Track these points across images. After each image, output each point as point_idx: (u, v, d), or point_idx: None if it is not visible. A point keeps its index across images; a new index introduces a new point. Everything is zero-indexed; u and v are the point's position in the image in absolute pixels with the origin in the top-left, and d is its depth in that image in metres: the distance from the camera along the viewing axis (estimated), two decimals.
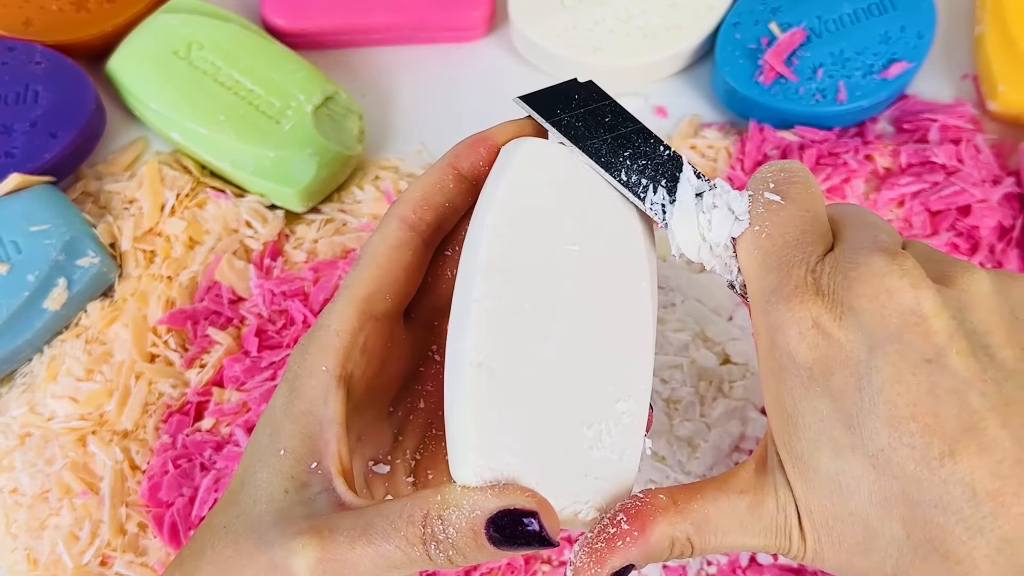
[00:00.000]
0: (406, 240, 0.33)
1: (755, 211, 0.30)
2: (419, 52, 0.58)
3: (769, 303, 0.29)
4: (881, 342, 0.27)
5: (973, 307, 0.28)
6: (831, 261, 0.28)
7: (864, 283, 0.27)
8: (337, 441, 0.31)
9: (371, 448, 0.35)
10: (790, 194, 0.30)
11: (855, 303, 0.27)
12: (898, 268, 0.27)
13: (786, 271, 0.29)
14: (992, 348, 0.27)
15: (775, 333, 0.28)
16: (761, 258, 0.29)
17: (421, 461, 0.36)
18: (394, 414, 0.36)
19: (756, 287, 0.30)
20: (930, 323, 0.27)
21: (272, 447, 0.31)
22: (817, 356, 0.27)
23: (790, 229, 0.29)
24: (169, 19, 0.54)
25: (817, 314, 0.27)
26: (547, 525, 0.28)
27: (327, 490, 0.30)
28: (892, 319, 0.27)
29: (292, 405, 0.31)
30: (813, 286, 0.28)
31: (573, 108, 0.32)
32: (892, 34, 0.52)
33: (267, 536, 0.30)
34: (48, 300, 0.48)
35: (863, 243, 0.29)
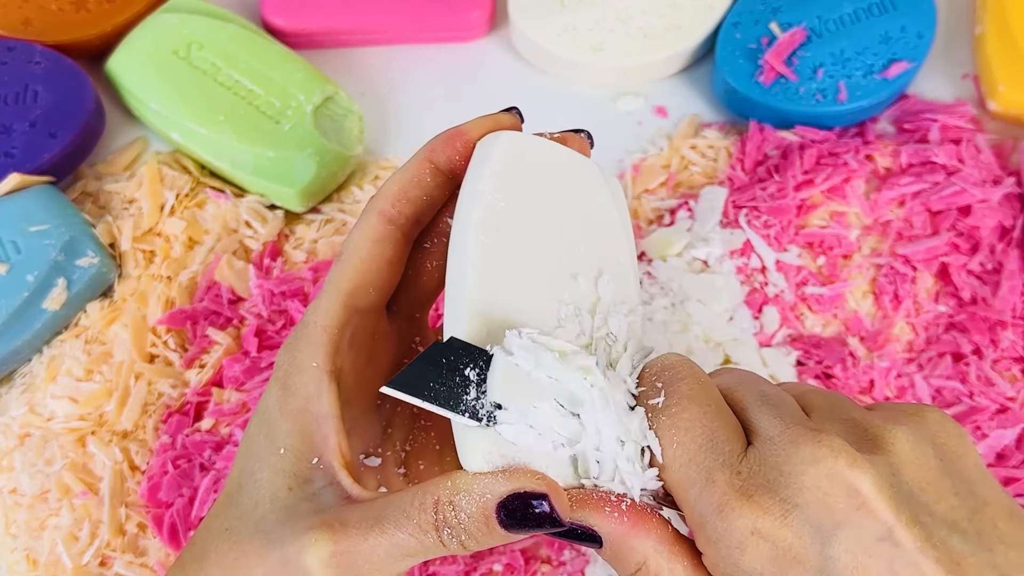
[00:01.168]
0: (386, 233, 0.33)
1: (656, 425, 0.29)
2: (419, 52, 0.58)
3: (702, 517, 0.28)
4: (831, 531, 0.26)
5: (903, 468, 0.27)
6: (755, 457, 0.28)
7: (800, 476, 0.27)
8: (336, 435, 0.31)
9: (361, 441, 0.36)
10: (682, 392, 0.29)
11: (796, 498, 0.27)
12: (829, 451, 0.27)
13: (707, 479, 0.27)
14: (930, 505, 0.27)
15: (717, 545, 0.27)
16: (680, 472, 0.28)
17: (411, 452, 0.37)
18: (382, 407, 0.37)
19: (684, 504, 0.28)
20: (874, 502, 0.26)
21: (270, 446, 0.31)
22: (765, 560, 0.27)
23: (698, 432, 0.28)
24: (169, 19, 0.54)
25: (754, 521, 0.27)
26: (557, 507, 0.28)
27: (331, 484, 0.30)
28: (837, 505, 0.26)
29: (286, 403, 0.32)
30: (741, 491, 0.27)
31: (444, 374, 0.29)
32: (892, 34, 0.52)
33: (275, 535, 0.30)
34: (48, 300, 0.48)
35: (777, 428, 0.28)
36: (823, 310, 0.49)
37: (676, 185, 0.53)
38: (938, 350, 0.48)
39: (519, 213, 0.31)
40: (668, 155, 0.54)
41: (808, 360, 0.48)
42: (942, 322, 0.48)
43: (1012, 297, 0.48)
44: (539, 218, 0.32)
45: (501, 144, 0.32)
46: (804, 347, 0.48)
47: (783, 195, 0.50)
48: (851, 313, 0.49)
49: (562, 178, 0.33)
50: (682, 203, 0.51)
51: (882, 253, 0.49)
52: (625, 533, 0.28)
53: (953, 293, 0.49)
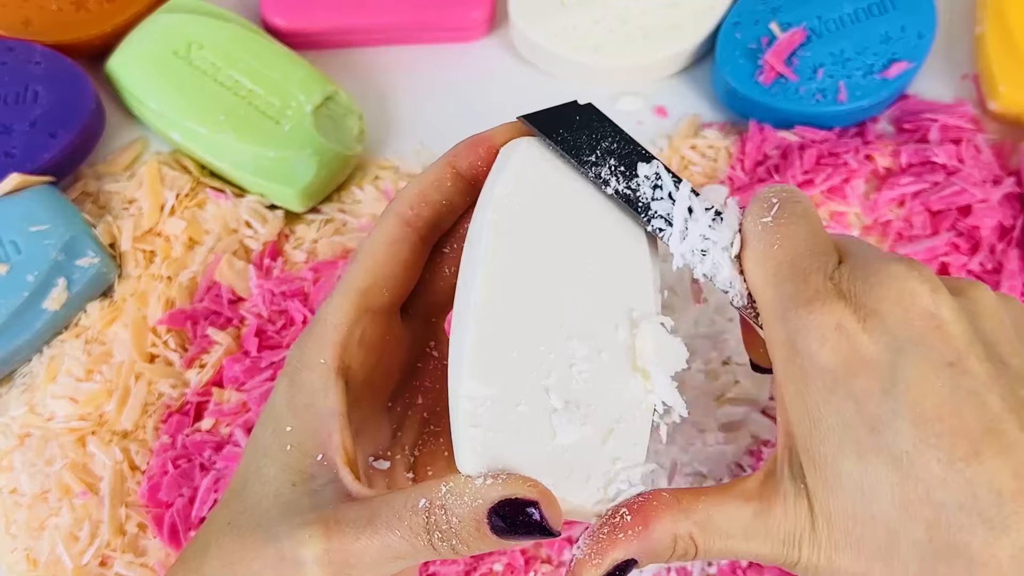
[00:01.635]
0: (402, 236, 0.34)
1: (762, 225, 0.30)
2: (419, 52, 0.58)
3: (788, 310, 0.29)
4: (904, 345, 0.27)
5: (983, 317, 0.28)
6: (848, 268, 0.29)
7: (886, 287, 0.28)
8: (340, 431, 0.31)
9: (370, 444, 0.36)
10: (796, 211, 0.31)
11: (878, 306, 0.28)
12: (917, 274, 0.28)
13: (803, 278, 0.29)
14: (1003, 356, 0.28)
15: (796, 338, 0.28)
16: (775, 268, 0.30)
17: (420, 457, 0.37)
18: (392, 409, 0.37)
19: (771, 296, 0.30)
20: (950, 327, 0.27)
21: (276, 442, 0.31)
22: (840, 359, 0.28)
23: (800, 241, 0.30)
24: (169, 19, 0.54)
25: (840, 317, 0.28)
26: (548, 515, 0.28)
27: (333, 481, 0.31)
28: (915, 322, 0.27)
29: (293, 399, 0.32)
30: (834, 291, 0.28)
31: (574, 129, 0.32)
32: (892, 34, 0.52)
33: (274, 529, 0.30)
34: (48, 300, 0.48)
35: (875, 254, 0.30)
36: None
37: None
38: None
39: (535, 217, 0.31)
40: (668, 155, 0.54)
41: None
42: None
43: None
44: (556, 223, 0.31)
45: (522, 149, 0.32)
46: None
47: None
48: None
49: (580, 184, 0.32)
50: None
51: None
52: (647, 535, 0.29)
53: None
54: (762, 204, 0.31)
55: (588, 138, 0.32)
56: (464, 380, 0.29)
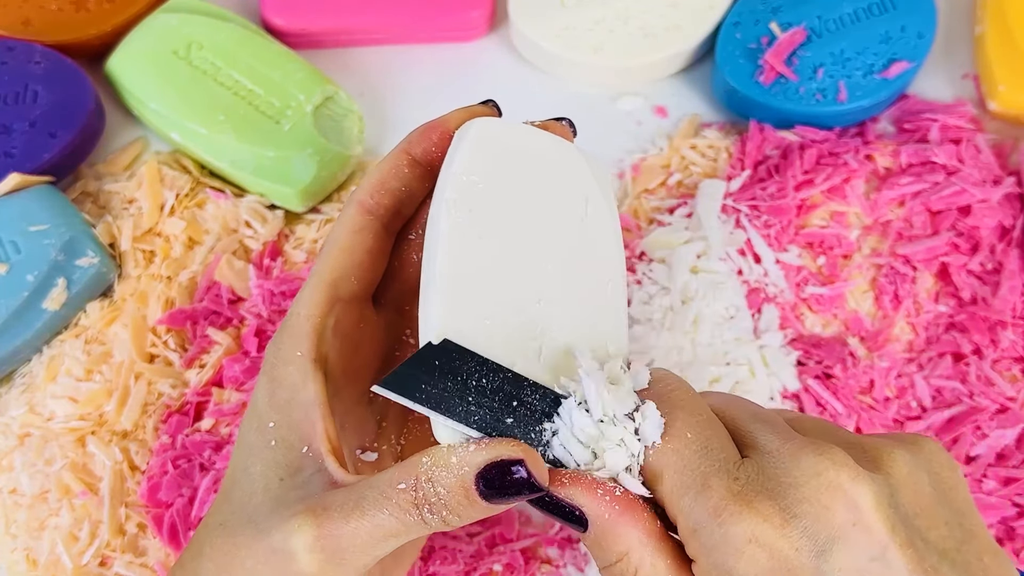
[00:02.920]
0: (365, 224, 0.34)
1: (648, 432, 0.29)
2: (419, 52, 0.58)
3: (697, 523, 0.27)
4: (827, 546, 0.26)
5: (900, 490, 0.28)
6: (753, 466, 0.28)
7: (802, 486, 0.27)
8: (323, 420, 0.31)
9: (356, 436, 0.36)
10: (674, 402, 0.29)
11: (796, 508, 0.27)
12: (831, 463, 0.27)
13: (704, 484, 0.27)
14: (923, 531, 0.27)
15: (712, 553, 0.27)
16: (674, 478, 0.28)
17: (407, 446, 0.37)
18: (374, 400, 0.37)
19: (678, 512, 0.28)
20: (871, 520, 0.26)
21: (261, 440, 0.31)
22: (760, 570, 0.27)
23: (692, 438, 0.28)
24: (169, 19, 0.54)
25: (753, 528, 0.26)
26: (534, 471, 0.28)
27: (319, 471, 0.31)
28: (836, 520, 0.26)
29: (274, 395, 0.32)
30: (740, 496, 0.27)
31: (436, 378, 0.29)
32: (892, 34, 0.52)
33: (263, 524, 0.30)
34: (47, 300, 0.48)
35: (774, 442, 0.28)
36: (823, 310, 0.49)
37: (676, 185, 0.53)
38: (938, 350, 0.48)
39: (494, 194, 0.31)
40: (668, 155, 0.54)
41: (808, 360, 0.48)
42: (942, 322, 0.48)
43: (1012, 297, 0.48)
44: (516, 199, 0.32)
45: (476, 128, 0.32)
46: (804, 347, 0.48)
47: (783, 195, 0.50)
48: (851, 313, 0.49)
49: (542, 162, 0.33)
50: (681, 202, 0.51)
51: (882, 253, 0.49)
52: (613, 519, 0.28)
53: (953, 293, 0.49)
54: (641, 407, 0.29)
55: (454, 384, 0.29)
56: None
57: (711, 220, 0.50)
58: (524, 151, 0.33)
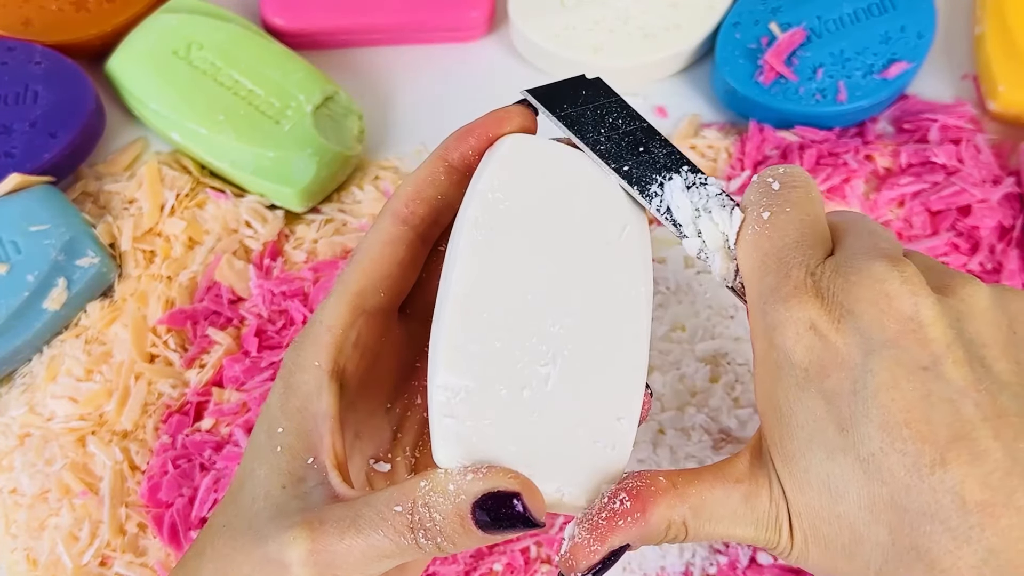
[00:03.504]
0: (399, 235, 0.33)
1: (756, 213, 0.30)
2: (419, 52, 0.58)
3: (767, 303, 0.29)
4: (877, 347, 0.27)
5: (971, 318, 0.28)
6: (831, 265, 0.29)
7: (863, 287, 0.27)
8: (331, 434, 0.31)
9: (371, 446, 0.36)
10: (791, 198, 0.30)
11: (854, 307, 0.27)
12: (898, 274, 0.28)
13: (785, 272, 0.29)
14: (988, 360, 0.27)
15: (772, 333, 0.28)
16: (760, 259, 0.30)
17: (421, 458, 0.37)
18: (392, 411, 0.37)
19: (754, 287, 0.30)
20: (927, 330, 0.27)
21: (269, 444, 0.31)
22: (813, 358, 0.28)
23: (790, 231, 0.30)
24: (169, 19, 0.54)
25: (815, 316, 0.28)
26: (531, 506, 0.28)
27: (322, 483, 0.31)
28: (890, 324, 0.27)
29: (287, 402, 0.32)
30: (812, 288, 0.28)
31: (579, 104, 0.32)
32: (892, 34, 0.52)
33: (263, 531, 0.30)
34: (48, 300, 0.48)
35: (864, 249, 0.29)
36: None
37: None
38: None
39: (519, 214, 0.31)
40: None
41: None
42: None
43: None
44: (541, 221, 0.31)
45: (508, 144, 0.32)
46: None
47: None
48: None
49: (572, 181, 0.32)
50: None
51: None
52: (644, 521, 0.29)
53: None
54: (760, 188, 0.31)
55: (593, 114, 0.32)
56: (439, 371, 0.29)
57: None
58: (555, 171, 0.32)
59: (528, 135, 0.33)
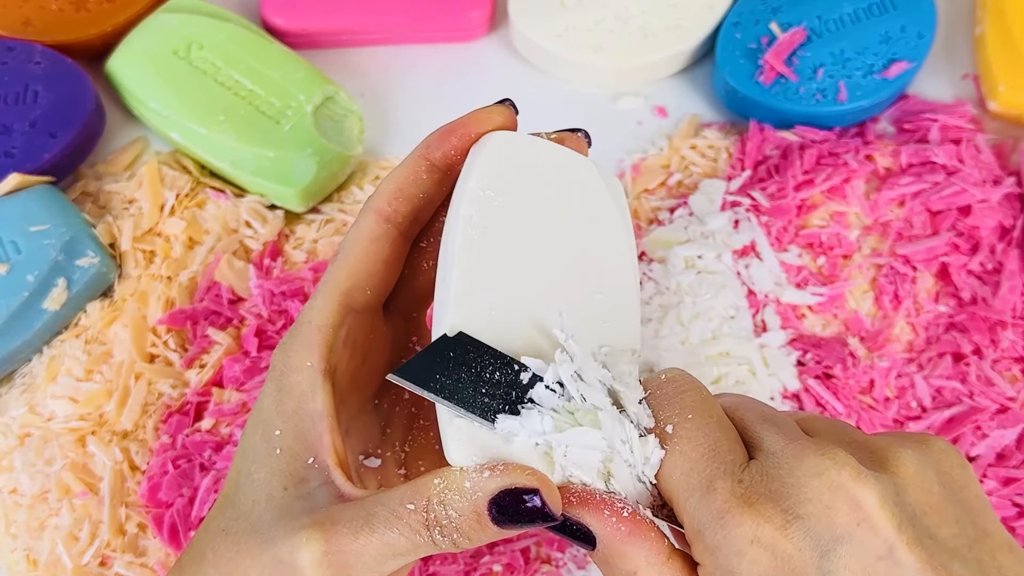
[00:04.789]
0: (382, 232, 0.33)
1: (659, 429, 0.29)
2: (419, 52, 0.58)
3: (701, 525, 0.27)
4: (831, 545, 0.26)
5: (906, 490, 0.27)
6: (758, 469, 0.27)
7: (804, 487, 0.27)
8: (330, 433, 0.31)
9: (360, 442, 0.36)
10: (687, 404, 0.29)
11: (799, 509, 0.26)
12: (832, 463, 0.27)
13: (708, 487, 0.27)
14: (931, 529, 0.27)
15: (715, 554, 0.27)
16: (679, 479, 0.28)
17: (411, 453, 0.37)
18: (379, 406, 0.37)
19: (682, 508, 0.28)
20: (876, 518, 0.26)
21: (266, 447, 0.31)
22: (763, 571, 0.27)
23: (701, 441, 0.28)
24: (169, 19, 0.54)
25: (754, 530, 0.26)
26: (549, 501, 0.28)
27: (326, 483, 0.31)
28: (839, 519, 0.26)
29: (281, 404, 0.32)
30: (743, 499, 0.27)
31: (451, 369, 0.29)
32: (892, 34, 0.52)
33: (269, 534, 0.30)
34: (48, 300, 0.48)
35: (780, 443, 0.28)
36: (823, 310, 0.49)
37: (676, 185, 0.53)
38: (938, 350, 0.48)
39: (511, 210, 0.31)
40: (668, 155, 0.54)
41: (808, 360, 0.48)
42: (942, 322, 0.48)
43: (1012, 297, 0.48)
44: (532, 216, 0.32)
45: (494, 142, 0.32)
46: (804, 347, 0.48)
47: (783, 195, 0.50)
48: (851, 313, 0.49)
49: (558, 177, 0.33)
50: (681, 202, 0.51)
51: (882, 253, 0.49)
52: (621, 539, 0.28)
53: (953, 293, 0.49)
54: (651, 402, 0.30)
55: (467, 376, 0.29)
56: None
57: (711, 220, 0.50)
58: (540, 165, 0.32)
59: (510, 132, 0.33)
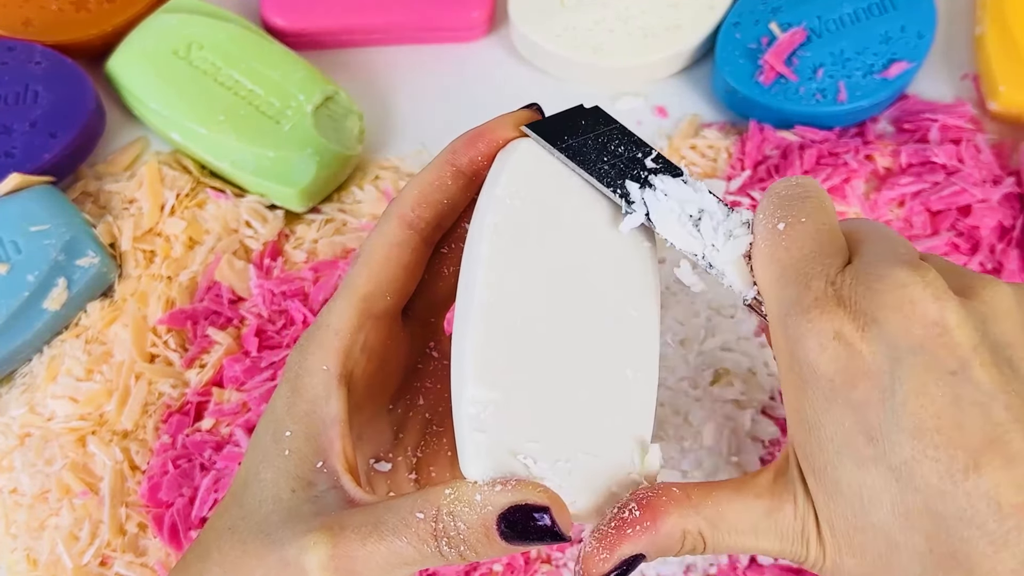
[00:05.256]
0: (405, 238, 0.33)
1: (771, 224, 0.30)
2: (419, 52, 0.58)
3: (789, 316, 0.28)
4: (904, 354, 0.26)
5: (995, 319, 0.27)
6: (852, 273, 0.28)
7: (887, 294, 0.27)
8: (341, 439, 0.31)
9: (372, 446, 0.36)
10: (805, 208, 0.30)
11: (878, 314, 0.27)
12: (920, 279, 0.27)
13: (805, 283, 0.28)
14: (1015, 361, 0.27)
15: (795, 345, 0.28)
16: (779, 271, 0.29)
17: (423, 458, 0.36)
18: (394, 411, 0.36)
19: (775, 300, 0.29)
20: (953, 335, 0.26)
21: (276, 447, 0.31)
22: (839, 368, 0.27)
23: (808, 242, 0.29)
24: (169, 19, 0.54)
25: (839, 325, 0.27)
26: (559, 520, 0.28)
27: (334, 487, 0.30)
28: (915, 330, 0.27)
29: (294, 405, 0.31)
30: (834, 297, 0.28)
31: (580, 134, 0.32)
32: (892, 34, 0.52)
33: (276, 535, 0.30)
34: (48, 300, 0.48)
35: (883, 256, 0.29)
36: None
37: None
38: None
39: (537, 218, 0.31)
40: (668, 155, 0.54)
41: None
42: None
43: None
44: (558, 224, 0.31)
45: (522, 150, 0.32)
46: None
47: None
48: None
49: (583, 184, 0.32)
50: None
51: None
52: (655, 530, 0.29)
53: None
54: (772, 200, 0.30)
55: (594, 143, 0.32)
56: (467, 385, 0.29)
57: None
58: (567, 173, 0.32)
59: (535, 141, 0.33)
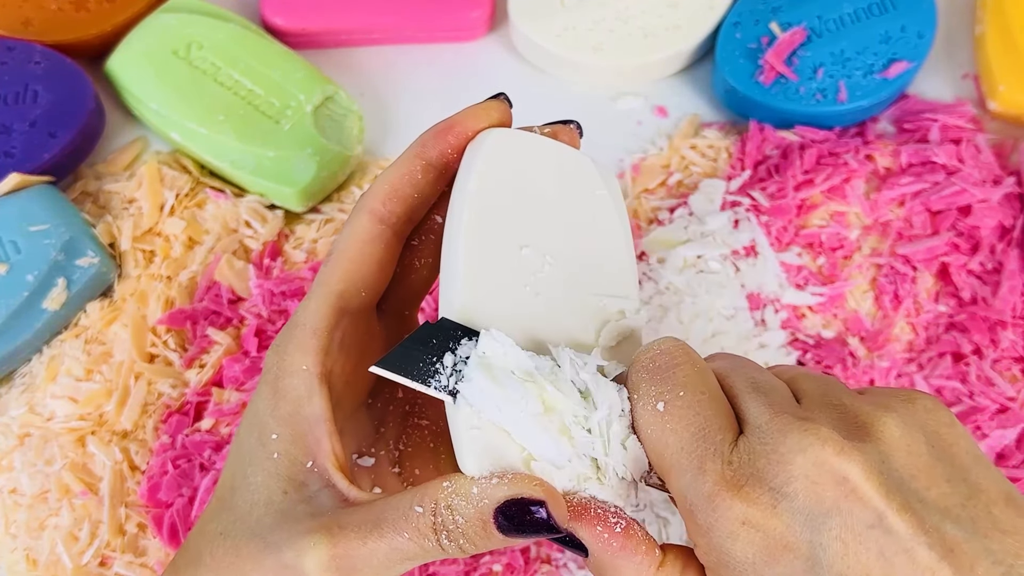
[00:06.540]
0: (377, 233, 0.33)
1: (650, 406, 0.29)
2: (419, 52, 0.58)
3: (692, 506, 0.28)
4: (820, 519, 0.26)
5: (893, 456, 0.27)
6: (746, 448, 0.27)
7: (788, 465, 0.27)
8: (329, 437, 0.31)
9: (354, 441, 0.35)
10: (678, 379, 0.29)
11: (785, 488, 0.26)
12: (816, 439, 0.27)
13: (699, 467, 0.27)
14: (921, 492, 0.27)
15: (709, 533, 0.27)
16: (672, 459, 0.28)
17: (405, 451, 0.36)
18: (373, 405, 0.36)
19: (674, 489, 0.28)
20: (863, 489, 0.26)
21: (263, 451, 0.31)
22: (756, 550, 0.27)
23: (692, 419, 0.28)
24: (169, 19, 0.54)
25: (744, 512, 0.27)
26: (555, 513, 0.28)
27: (327, 487, 0.30)
28: (827, 494, 0.26)
29: (277, 408, 0.31)
30: (732, 482, 0.27)
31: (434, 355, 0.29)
32: (892, 34, 0.52)
33: (271, 539, 0.29)
34: (47, 300, 0.48)
35: (765, 417, 0.28)
36: (823, 310, 0.49)
37: (676, 185, 0.53)
38: (938, 350, 0.48)
39: (511, 208, 0.31)
40: (668, 155, 0.54)
41: (808, 360, 0.48)
42: (942, 322, 0.48)
43: (1012, 297, 0.48)
44: (532, 213, 0.32)
45: (491, 142, 0.32)
46: (804, 347, 0.48)
47: (783, 195, 0.50)
48: (851, 313, 0.49)
49: (555, 172, 0.33)
50: (681, 202, 0.51)
51: (882, 253, 0.49)
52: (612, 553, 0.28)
53: (953, 293, 0.49)
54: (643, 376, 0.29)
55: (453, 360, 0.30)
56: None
57: (711, 220, 0.50)
58: (538, 162, 0.32)
59: (507, 129, 0.33)
